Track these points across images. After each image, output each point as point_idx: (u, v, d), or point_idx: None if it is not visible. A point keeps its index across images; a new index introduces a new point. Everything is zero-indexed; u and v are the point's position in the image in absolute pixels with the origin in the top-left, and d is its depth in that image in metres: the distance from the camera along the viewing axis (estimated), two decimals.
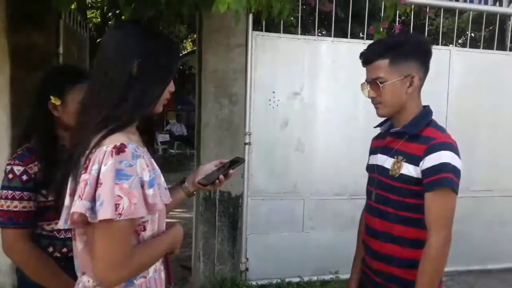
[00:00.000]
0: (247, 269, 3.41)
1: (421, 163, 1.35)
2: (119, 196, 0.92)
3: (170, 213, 1.39)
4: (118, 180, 0.92)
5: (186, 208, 6.01)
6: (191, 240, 3.83)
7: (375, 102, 1.47)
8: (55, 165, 1.21)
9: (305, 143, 3.47)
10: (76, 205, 0.94)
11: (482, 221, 3.89)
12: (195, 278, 3.38)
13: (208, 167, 1.34)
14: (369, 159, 1.64)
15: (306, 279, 3.44)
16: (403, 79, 1.40)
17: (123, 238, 0.95)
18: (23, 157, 1.40)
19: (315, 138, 3.49)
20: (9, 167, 1.39)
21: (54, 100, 1.43)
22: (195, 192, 1.36)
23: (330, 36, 3.57)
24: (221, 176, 1.28)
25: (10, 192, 1.36)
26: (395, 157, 1.44)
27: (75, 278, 1.10)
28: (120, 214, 0.92)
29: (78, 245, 1.04)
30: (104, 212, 0.91)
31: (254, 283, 3.35)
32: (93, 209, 0.93)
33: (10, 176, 1.37)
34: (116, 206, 0.92)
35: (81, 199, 0.93)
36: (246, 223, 3.38)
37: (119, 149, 0.94)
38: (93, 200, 0.93)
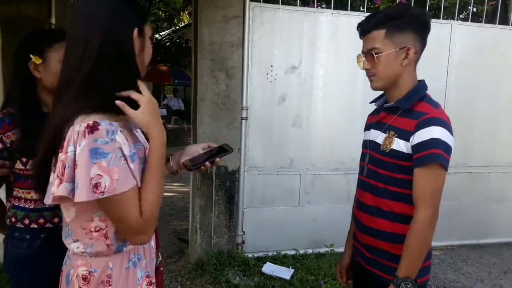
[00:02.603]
0: (243, 242, 3.46)
1: (411, 139, 1.33)
2: (99, 175, 0.90)
3: (167, 186, 1.38)
4: (95, 159, 0.90)
5: (183, 182, 6.05)
6: (188, 214, 3.86)
7: (369, 74, 1.44)
8: (36, 133, 1.14)
9: (303, 118, 3.45)
10: (56, 185, 0.93)
11: (477, 196, 3.92)
12: (192, 250, 3.42)
13: (195, 149, 1.30)
14: (364, 135, 1.63)
15: (301, 252, 3.50)
16: (398, 51, 1.37)
17: (127, 207, 0.95)
18: (2, 123, 1.37)
19: (312, 113, 3.46)
20: None
21: (35, 59, 1.37)
22: (179, 171, 1.32)
23: (330, 8, 3.49)
24: (207, 162, 1.24)
25: None
26: (387, 132, 1.43)
27: (59, 248, 1.10)
28: (103, 192, 0.91)
29: (67, 218, 1.05)
30: (79, 194, 0.91)
31: (250, 255, 3.40)
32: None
33: None
34: (97, 185, 0.90)
35: (62, 181, 0.93)
36: (242, 197, 3.40)
37: (92, 128, 0.91)
38: (73, 181, 0.92)
